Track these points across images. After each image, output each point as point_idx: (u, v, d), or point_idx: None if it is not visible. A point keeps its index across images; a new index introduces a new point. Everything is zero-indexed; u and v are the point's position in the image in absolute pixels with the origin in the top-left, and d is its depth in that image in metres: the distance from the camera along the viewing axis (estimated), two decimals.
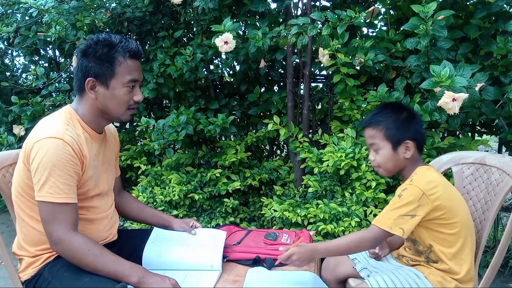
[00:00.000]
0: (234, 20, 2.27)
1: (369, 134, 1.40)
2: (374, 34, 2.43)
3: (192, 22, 2.61)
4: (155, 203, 2.41)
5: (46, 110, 2.85)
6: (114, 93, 1.32)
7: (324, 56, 2.05)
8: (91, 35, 1.34)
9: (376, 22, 2.49)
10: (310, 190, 2.17)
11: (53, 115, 1.36)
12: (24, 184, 1.30)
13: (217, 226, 2.21)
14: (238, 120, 2.73)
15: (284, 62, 2.52)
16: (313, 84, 2.59)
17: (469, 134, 2.37)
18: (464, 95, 1.53)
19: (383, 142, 1.36)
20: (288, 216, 2.07)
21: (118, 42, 1.31)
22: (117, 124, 3.01)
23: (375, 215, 1.98)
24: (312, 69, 2.36)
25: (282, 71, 2.62)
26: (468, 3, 2.12)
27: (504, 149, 2.39)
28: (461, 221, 1.33)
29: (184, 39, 2.77)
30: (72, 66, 2.61)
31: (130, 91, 1.34)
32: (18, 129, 2.81)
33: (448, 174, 1.66)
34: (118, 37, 1.33)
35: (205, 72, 2.57)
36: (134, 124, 3.02)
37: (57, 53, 3.23)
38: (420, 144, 1.38)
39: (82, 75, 1.32)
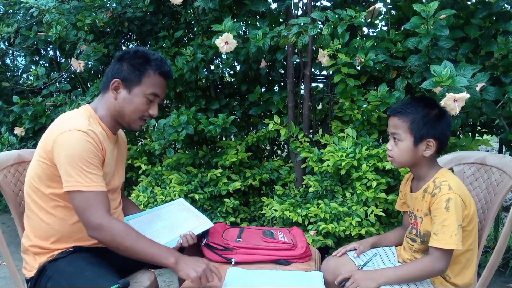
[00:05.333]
0: (235, 20, 2.27)
1: (393, 122, 1.36)
2: (375, 34, 2.43)
3: (193, 22, 2.61)
4: (155, 203, 2.41)
5: (46, 110, 2.85)
6: (133, 99, 1.38)
7: (324, 57, 2.05)
8: (133, 46, 1.41)
9: (376, 22, 2.50)
10: (310, 190, 2.17)
11: (73, 112, 1.39)
12: (44, 176, 1.30)
13: None
14: (239, 120, 2.73)
15: (284, 62, 2.52)
16: (313, 84, 2.59)
17: (470, 134, 2.37)
18: (465, 95, 1.52)
19: (405, 134, 1.33)
20: (289, 216, 2.07)
21: (154, 59, 1.39)
22: None
23: (376, 215, 1.99)
24: (313, 69, 2.37)
25: (283, 71, 2.62)
26: (469, 3, 2.12)
27: (504, 149, 2.38)
28: (474, 218, 1.33)
29: (184, 39, 2.77)
30: (72, 66, 2.62)
31: (148, 103, 1.40)
32: (19, 131, 2.82)
33: None
34: (156, 55, 1.41)
35: (206, 72, 2.57)
36: None
37: (58, 53, 3.23)
38: (442, 145, 1.35)
39: (111, 75, 1.38)
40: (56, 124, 1.33)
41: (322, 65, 2.18)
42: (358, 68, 2.12)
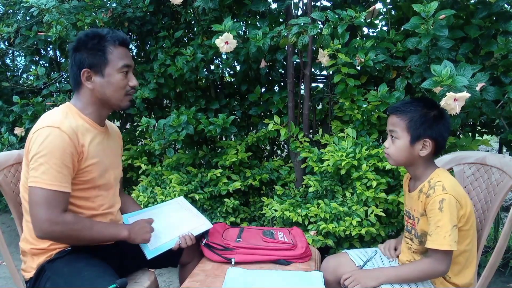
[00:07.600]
0: (235, 20, 2.27)
1: (392, 120, 1.38)
2: (375, 34, 2.43)
3: (193, 22, 2.61)
4: (155, 203, 2.41)
5: (46, 110, 2.84)
6: (110, 80, 1.37)
7: (324, 57, 2.05)
8: (80, 31, 1.45)
9: (376, 22, 2.50)
10: (310, 190, 2.17)
11: (53, 109, 1.41)
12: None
13: None
14: (239, 120, 2.73)
15: (284, 62, 2.52)
16: (313, 84, 2.59)
17: (470, 134, 2.37)
18: (466, 95, 1.52)
19: (403, 132, 1.34)
20: (289, 216, 2.07)
21: (106, 33, 1.37)
22: (118, 124, 3.02)
23: (376, 215, 1.99)
24: (313, 69, 2.37)
25: (283, 71, 2.62)
26: (468, 3, 2.12)
27: (504, 149, 2.38)
28: (471, 218, 1.33)
29: (184, 39, 2.77)
30: None
31: (125, 77, 1.39)
32: (19, 131, 2.81)
33: None
34: (106, 29, 1.41)
35: (206, 72, 2.57)
36: (135, 124, 3.03)
37: (58, 53, 3.23)
38: (439, 147, 1.36)
39: (77, 69, 1.37)
40: (36, 123, 1.35)
41: (322, 65, 2.18)
42: (358, 68, 2.12)
